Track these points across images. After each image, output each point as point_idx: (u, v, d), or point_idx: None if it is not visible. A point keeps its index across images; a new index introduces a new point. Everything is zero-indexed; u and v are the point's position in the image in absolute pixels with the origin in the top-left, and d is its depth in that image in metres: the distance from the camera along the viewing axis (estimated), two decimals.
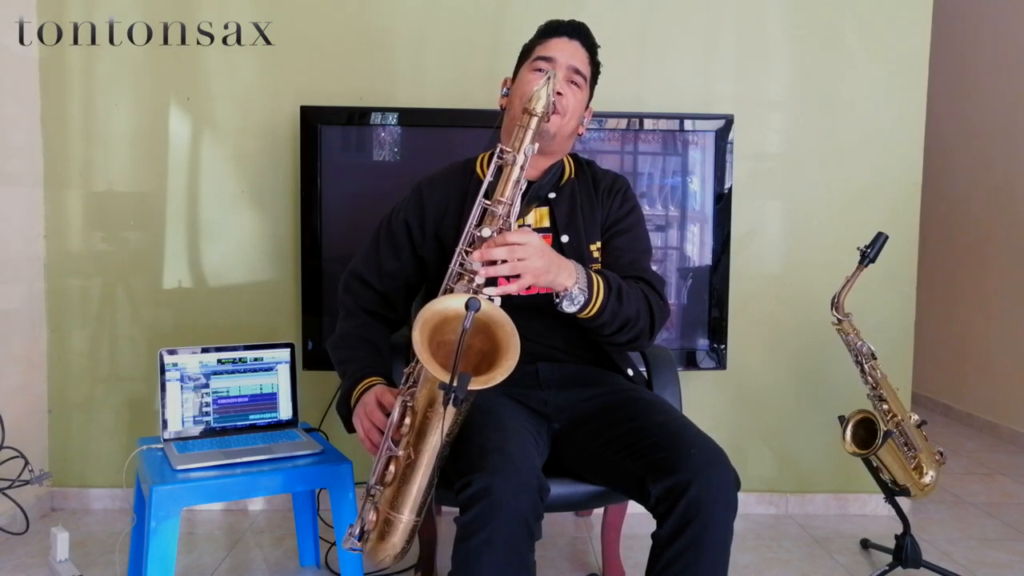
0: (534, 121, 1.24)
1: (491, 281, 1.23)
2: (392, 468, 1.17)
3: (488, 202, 1.24)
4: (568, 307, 1.29)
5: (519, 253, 1.18)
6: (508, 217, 1.23)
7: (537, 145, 1.27)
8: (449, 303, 1.14)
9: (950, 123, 3.69)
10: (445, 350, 1.15)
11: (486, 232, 1.21)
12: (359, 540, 1.21)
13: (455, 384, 1.03)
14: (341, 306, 1.56)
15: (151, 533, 1.46)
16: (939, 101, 2.82)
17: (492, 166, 1.27)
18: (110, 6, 2.22)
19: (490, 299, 1.19)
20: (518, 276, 1.20)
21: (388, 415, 1.24)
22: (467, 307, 1.08)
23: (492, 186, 1.26)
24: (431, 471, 1.17)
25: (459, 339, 1.06)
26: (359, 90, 2.24)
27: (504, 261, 1.18)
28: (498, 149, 1.27)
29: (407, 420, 1.17)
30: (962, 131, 3.67)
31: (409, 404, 1.17)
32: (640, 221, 1.56)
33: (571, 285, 1.27)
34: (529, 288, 1.24)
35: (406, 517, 1.18)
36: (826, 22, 2.30)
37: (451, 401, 1.04)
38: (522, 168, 1.24)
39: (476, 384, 1.06)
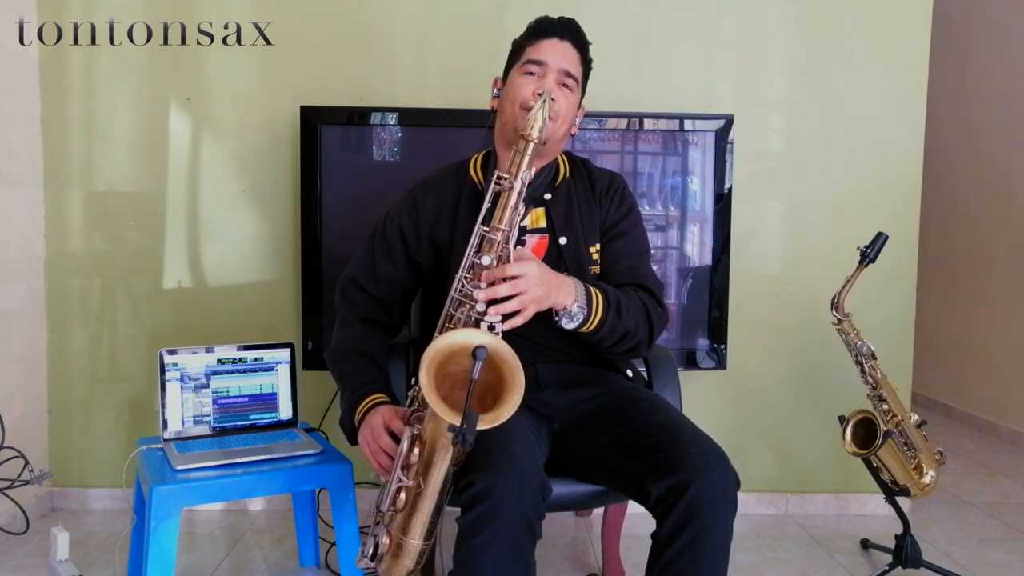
0: (530, 147, 1.23)
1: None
2: (402, 496, 1.19)
3: (486, 229, 1.24)
4: (567, 324, 1.30)
5: (519, 287, 1.18)
6: (507, 244, 1.23)
7: (534, 170, 1.27)
8: (452, 339, 1.14)
9: (950, 123, 3.69)
10: (449, 381, 1.16)
11: (485, 260, 1.21)
12: (372, 560, 1.22)
13: (464, 426, 1.04)
14: (338, 315, 1.56)
15: (151, 533, 1.46)
16: (939, 101, 2.82)
17: (490, 191, 1.26)
18: (110, 6, 2.22)
19: (491, 327, 1.19)
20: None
21: (395, 440, 1.25)
22: (474, 356, 1.08)
23: (490, 212, 1.25)
24: (439, 498, 1.18)
25: (467, 390, 1.06)
26: (359, 90, 2.24)
27: (508, 297, 1.18)
28: (495, 176, 1.26)
29: (416, 450, 1.18)
30: (962, 131, 3.67)
31: (417, 434, 1.18)
32: (638, 222, 1.54)
33: (570, 303, 1.27)
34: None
35: (416, 542, 1.19)
36: (826, 22, 2.30)
37: (462, 443, 1.05)
38: (520, 194, 1.23)
39: (484, 424, 1.07)
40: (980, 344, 3.56)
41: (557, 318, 1.29)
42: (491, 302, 1.19)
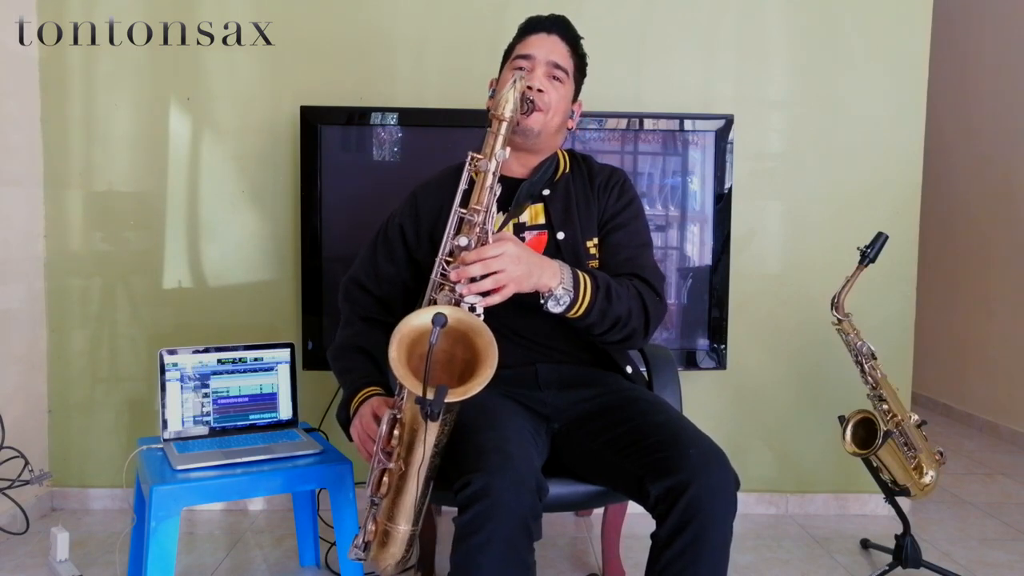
0: (503, 126, 1.25)
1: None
2: (386, 480, 1.19)
3: (464, 211, 1.24)
4: (554, 307, 1.28)
5: (495, 266, 1.18)
6: (485, 224, 1.23)
7: (509, 150, 1.28)
8: (423, 318, 1.14)
9: (950, 123, 3.69)
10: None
11: (463, 241, 1.22)
12: (363, 551, 1.22)
13: (430, 398, 1.04)
14: (341, 314, 1.57)
15: (151, 533, 1.46)
16: (939, 101, 2.82)
17: (465, 173, 1.27)
18: (110, 6, 2.22)
19: (472, 308, 1.19)
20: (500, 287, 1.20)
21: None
22: (433, 322, 1.08)
23: (467, 194, 1.26)
24: (423, 482, 1.18)
25: (427, 354, 1.06)
26: (359, 90, 2.24)
27: (483, 276, 1.18)
28: (470, 157, 1.27)
29: (396, 432, 1.17)
30: (962, 131, 3.67)
31: (398, 417, 1.18)
32: (639, 214, 1.53)
33: (555, 285, 1.26)
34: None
35: (402, 527, 1.19)
36: (826, 22, 2.30)
37: (428, 415, 1.04)
38: (494, 174, 1.24)
39: (453, 397, 1.06)
40: (980, 344, 3.56)
41: (543, 301, 1.28)
42: (469, 282, 1.19)
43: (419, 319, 1.14)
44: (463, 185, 1.27)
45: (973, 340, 3.61)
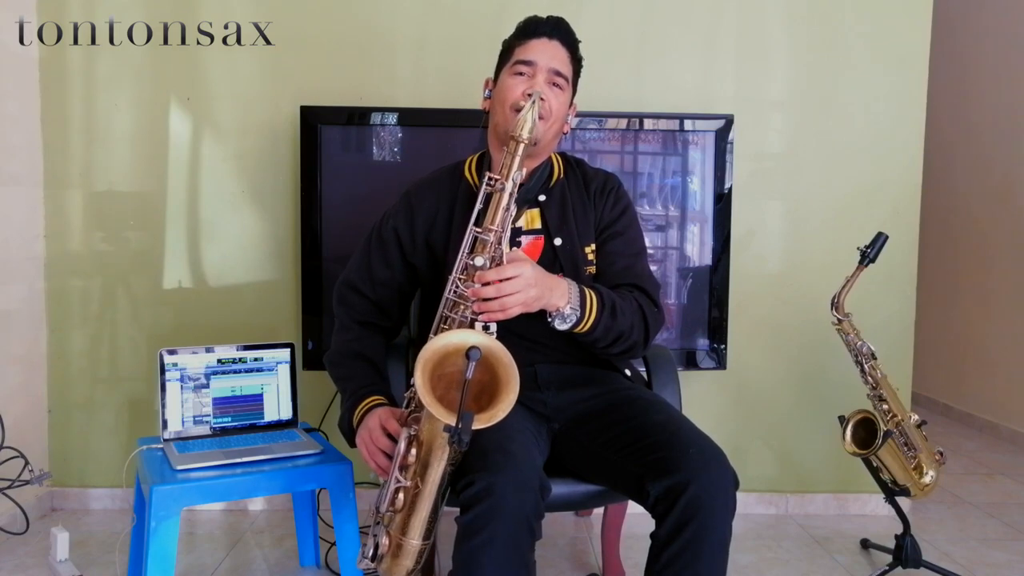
0: (520, 147, 1.25)
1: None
2: (401, 496, 1.19)
3: (479, 230, 1.25)
4: (560, 325, 1.30)
5: (509, 288, 1.19)
6: (499, 244, 1.24)
7: (525, 170, 1.28)
8: (447, 340, 1.15)
9: (950, 123, 3.69)
10: (445, 381, 1.16)
11: (478, 261, 1.22)
12: (372, 561, 1.23)
13: (459, 426, 1.05)
14: (336, 319, 1.56)
15: (151, 533, 1.46)
16: (939, 101, 2.82)
17: (481, 192, 1.27)
18: (110, 6, 2.22)
19: (485, 327, 1.20)
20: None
21: (392, 439, 1.26)
22: (468, 357, 1.08)
23: (482, 213, 1.26)
24: (437, 498, 1.19)
25: (462, 390, 1.07)
26: (359, 90, 2.24)
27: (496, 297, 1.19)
28: (487, 176, 1.27)
29: (413, 450, 1.18)
30: (962, 131, 3.67)
31: (414, 435, 1.19)
32: (633, 221, 1.54)
33: (563, 305, 1.28)
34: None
35: (416, 542, 1.20)
36: (826, 22, 2.30)
37: (457, 443, 1.05)
38: (511, 195, 1.25)
39: (479, 424, 1.07)
40: (980, 344, 3.56)
41: (550, 319, 1.30)
42: (482, 303, 1.20)
43: (441, 343, 1.15)
44: (479, 204, 1.27)
45: (973, 340, 3.61)
